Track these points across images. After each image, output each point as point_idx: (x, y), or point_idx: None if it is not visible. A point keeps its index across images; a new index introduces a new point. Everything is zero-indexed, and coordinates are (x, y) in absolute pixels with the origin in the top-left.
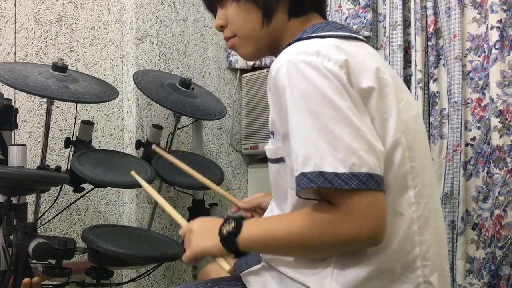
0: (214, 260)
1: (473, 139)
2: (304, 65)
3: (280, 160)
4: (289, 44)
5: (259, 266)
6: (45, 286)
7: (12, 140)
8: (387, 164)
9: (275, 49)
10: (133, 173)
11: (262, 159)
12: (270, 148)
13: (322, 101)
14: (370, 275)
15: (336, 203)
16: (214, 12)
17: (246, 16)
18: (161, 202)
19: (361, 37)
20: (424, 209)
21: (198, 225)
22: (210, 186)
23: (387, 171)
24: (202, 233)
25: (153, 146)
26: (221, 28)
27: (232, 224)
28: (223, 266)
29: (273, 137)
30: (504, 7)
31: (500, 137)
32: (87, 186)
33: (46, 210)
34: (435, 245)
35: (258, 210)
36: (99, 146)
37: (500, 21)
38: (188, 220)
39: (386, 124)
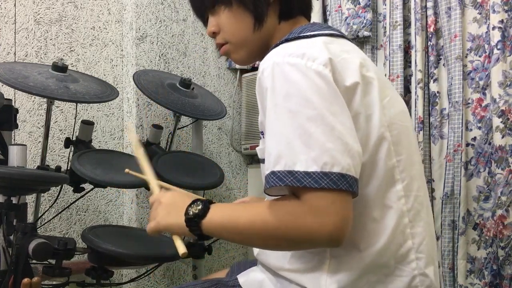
0: (172, 238)
1: (474, 139)
2: (289, 67)
3: None
4: (277, 45)
5: (255, 267)
6: (45, 286)
7: (12, 140)
8: (373, 160)
9: (265, 52)
10: (127, 170)
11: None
12: (261, 148)
13: (301, 101)
14: (365, 270)
15: (303, 198)
16: (203, 19)
17: (238, 22)
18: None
19: (345, 35)
20: (414, 202)
21: (168, 199)
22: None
23: (374, 167)
24: (170, 208)
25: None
26: (214, 34)
27: (199, 207)
28: (179, 248)
29: (263, 137)
30: (506, 7)
31: (502, 137)
32: (87, 186)
33: (46, 210)
34: (428, 238)
35: None
36: (99, 146)
37: (501, 21)
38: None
39: (370, 119)
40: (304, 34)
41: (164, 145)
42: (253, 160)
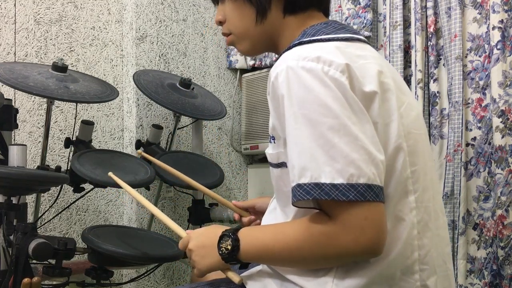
0: (223, 272)
1: (474, 139)
2: (304, 72)
3: (282, 165)
4: (290, 48)
5: (259, 268)
6: (45, 286)
7: (12, 140)
8: (389, 170)
9: (274, 46)
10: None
11: (262, 159)
12: (271, 153)
13: (320, 109)
14: (371, 281)
15: (334, 215)
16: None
17: (240, 14)
18: (155, 212)
19: (362, 37)
20: (423, 214)
21: (195, 244)
22: (202, 190)
23: (389, 177)
24: (201, 252)
25: (139, 151)
26: (220, 23)
27: (229, 241)
28: (233, 278)
29: (274, 142)
30: (506, 7)
31: (502, 137)
32: (87, 186)
33: (46, 210)
34: (434, 249)
35: (251, 209)
36: (99, 146)
37: (501, 21)
38: (188, 220)
39: (388, 129)
40: (318, 38)
41: (164, 145)
42: (253, 160)
